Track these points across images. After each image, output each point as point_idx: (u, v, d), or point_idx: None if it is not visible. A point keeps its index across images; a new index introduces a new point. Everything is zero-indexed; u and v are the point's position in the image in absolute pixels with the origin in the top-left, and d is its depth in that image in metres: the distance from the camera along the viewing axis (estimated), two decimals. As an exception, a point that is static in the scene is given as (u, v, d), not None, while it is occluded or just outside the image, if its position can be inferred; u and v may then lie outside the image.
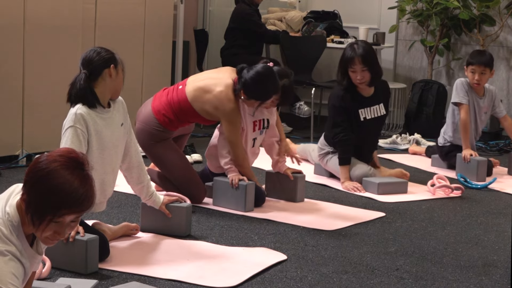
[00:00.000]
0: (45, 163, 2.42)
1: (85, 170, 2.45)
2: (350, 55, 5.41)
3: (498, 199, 5.44)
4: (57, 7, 5.89)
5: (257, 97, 4.76)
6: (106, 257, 3.79)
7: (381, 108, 5.59)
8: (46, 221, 2.42)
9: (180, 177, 4.88)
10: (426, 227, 4.68)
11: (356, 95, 5.51)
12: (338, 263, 3.94)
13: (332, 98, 5.55)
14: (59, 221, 2.43)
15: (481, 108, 6.20)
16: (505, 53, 8.18)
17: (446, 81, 8.33)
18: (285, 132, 7.54)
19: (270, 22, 8.63)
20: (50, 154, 2.46)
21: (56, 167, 2.41)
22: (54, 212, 2.41)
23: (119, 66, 3.87)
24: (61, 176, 2.40)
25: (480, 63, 6.05)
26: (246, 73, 4.74)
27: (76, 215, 2.45)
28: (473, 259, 4.10)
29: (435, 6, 7.88)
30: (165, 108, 4.84)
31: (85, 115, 3.76)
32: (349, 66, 5.41)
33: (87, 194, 2.43)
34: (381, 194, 5.33)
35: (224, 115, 4.80)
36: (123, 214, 4.65)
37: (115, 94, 3.91)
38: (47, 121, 5.74)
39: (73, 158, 2.45)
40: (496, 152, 7.12)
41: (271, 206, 4.96)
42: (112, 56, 3.86)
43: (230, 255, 4.00)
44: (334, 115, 5.54)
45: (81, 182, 2.42)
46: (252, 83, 4.71)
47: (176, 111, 4.83)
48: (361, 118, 5.51)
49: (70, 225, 2.47)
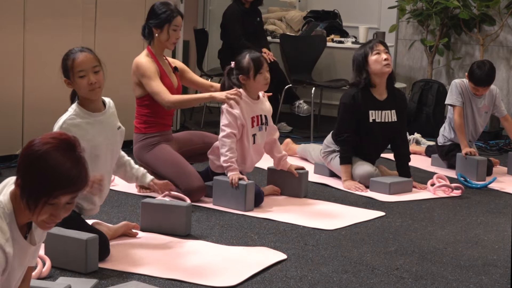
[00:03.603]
0: (37, 146, 2.45)
1: (77, 151, 2.49)
2: (371, 42, 5.56)
3: (498, 199, 5.44)
4: (57, 6, 5.89)
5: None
6: (106, 257, 3.79)
7: (393, 115, 5.57)
8: (41, 203, 2.44)
9: (172, 172, 4.94)
10: (426, 226, 4.68)
11: (370, 96, 5.50)
12: (338, 263, 3.94)
13: (343, 97, 5.55)
14: (54, 202, 2.45)
15: (479, 108, 6.20)
16: (505, 53, 8.18)
17: (446, 80, 8.33)
18: (285, 132, 7.61)
19: (270, 21, 8.64)
20: (42, 137, 2.49)
21: (48, 149, 2.44)
22: (49, 194, 2.43)
23: (70, 75, 3.77)
24: (53, 158, 2.43)
25: (482, 85, 6.05)
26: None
27: (70, 195, 2.47)
28: (473, 258, 4.10)
29: (435, 5, 7.89)
30: (137, 121, 5.14)
31: (71, 127, 3.70)
32: (372, 50, 5.47)
33: (80, 174, 2.46)
34: (392, 194, 5.33)
35: (141, 74, 4.98)
36: (123, 213, 4.65)
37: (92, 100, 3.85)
38: (47, 119, 5.71)
39: (64, 140, 2.49)
40: (496, 151, 7.13)
41: (271, 205, 4.96)
42: (63, 69, 3.80)
43: (230, 254, 4.00)
44: (342, 114, 5.53)
45: (74, 163, 2.45)
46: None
47: (142, 112, 5.09)
48: (370, 119, 5.50)
49: (65, 207, 2.50)
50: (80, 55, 3.77)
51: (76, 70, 3.75)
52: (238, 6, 7.64)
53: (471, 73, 6.07)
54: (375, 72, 5.48)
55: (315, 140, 7.08)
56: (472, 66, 6.12)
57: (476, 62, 6.24)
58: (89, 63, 3.77)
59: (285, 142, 6.51)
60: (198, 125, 7.81)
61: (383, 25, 8.47)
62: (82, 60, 3.77)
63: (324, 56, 8.24)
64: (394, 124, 5.57)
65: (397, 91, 5.75)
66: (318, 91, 8.06)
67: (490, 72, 6.05)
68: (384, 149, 5.73)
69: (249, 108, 4.95)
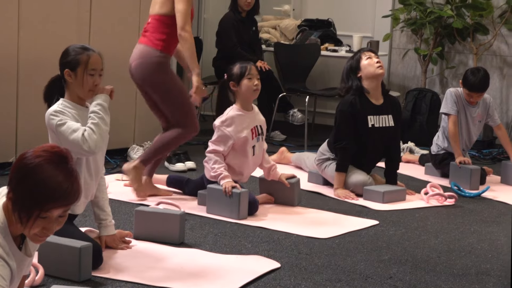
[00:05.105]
0: (29, 159, 2.44)
1: (69, 164, 2.47)
2: (358, 52, 5.66)
3: (491, 208, 5.45)
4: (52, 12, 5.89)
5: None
6: (99, 265, 3.78)
7: (390, 120, 5.60)
8: (33, 217, 2.43)
9: (184, 104, 5.06)
10: (420, 235, 4.68)
11: (367, 101, 5.53)
12: (331, 271, 3.94)
13: (341, 104, 5.57)
14: (46, 216, 2.44)
15: (473, 117, 6.21)
16: (498, 62, 8.20)
17: (439, 89, 8.35)
18: (278, 140, 7.61)
19: (265, 30, 8.64)
20: (34, 150, 2.48)
21: (41, 162, 2.43)
22: (41, 207, 2.42)
23: (78, 69, 3.81)
24: (46, 171, 2.42)
25: (476, 91, 6.07)
26: None
27: (63, 208, 2.46)
28: (466, 267, 4.11)
29: (429, 15, 7.91)
30: (154, 36, 5.05)
31: (66, 109, 3.78)
32: (363, 56, 5.55)
33: (72, 187, 2.45)
34: (386, 203, 5.33)
35: None
36: (117, 221, 4.63)
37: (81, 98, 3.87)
38: (41, 128, 5.71)
39: (57, 152, 2.48)
40: (489, 160, 7.14)
41: (265, 214, 4.96)
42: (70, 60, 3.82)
43: (224, 263, 3.99)
44: (340, 121, 5.54)
45: (66, 176, 2.44)
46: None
47: (163, 30, 5.04)
48: (369, 124, 5.51)
49: (58, 220, 2.49)
50: (95, 54, 3.84)
51: (90, 67, 3.81)
52: (235, 14, 7.66)
53: (465, 79, 6.09)
54: (368, 75, 5.51)
55: (309, 148, 7.08)
56: (466, 72, 6.15)
57: (470, 68, 6.27)
58: (100, 64, 3.86)
59: (280, 151, 6.52)
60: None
61: (377, 34, 8.49)
62: (97, 59, 3.84)
63: (318, 65, 8.25)
64: (391, 129, 5.59)
65: (392, 96, 5.80)
66: (312, 99, 8.06)
67: (484, 78, 6.08)
68: (381, 158, 5.74)
69: (246, 120, 4.98)
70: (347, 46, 8.21)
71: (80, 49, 3.84)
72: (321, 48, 8.15)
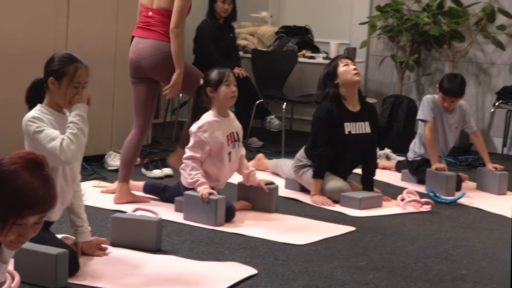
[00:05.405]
0: (4, 166, 2.43)
1: (45, 170, 2.46)
2: (335, 59, 5.69)
3: (467, 214, 5.48)
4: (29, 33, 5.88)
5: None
6: (76, 272, 3.76)
7: (367, 126, 5.62)
8: (9, 224, 2.42)
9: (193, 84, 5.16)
10: (396, 241, 4.70)
11: (344, 108, 5.55)
12: (308, 278, 3.94)
13: (317, 111, 5.58)
14: (22, 223, 2.43)
15: (450, 123, 6.25)
16: (474, 69, 8.26)
17: (416, 96, 8.39)
18: (256, 147, 7.62)
19: (242, 36, 8.65)
20: (10, 156, 2.46)
21: (16, 169, 2.41)
22: (17, 214, 2.41)
23: (64, 79, 3.79)
24: (21, 178, 2.41)
25: (451, 95, 6.11)
26: None
27: (39, 216, 2.45)
28: (442, 273, 4.13)
29: (405, 22, 7.96)
30: (163, 29, 5.16)
31: (42, 115, 3.77)
32: (340, 63, 5.58)
33: (48, 194, 2.44)
34: (363, 209, 5.35)
35: None
36: (93, 228, 4.61)
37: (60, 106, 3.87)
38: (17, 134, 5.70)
39: (32, 159, 2.46)
40: (465, 167, 7.18)
41: (242, 220, 4.96)
42: (56, 69, 3.81)
43: (201, 269, 3.99)
44: (317, 128, 5.56)
45: (42, 183, 2.43)
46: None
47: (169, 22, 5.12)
48: (346, 131, 5.53)
49: (34, 227, 2.48)
50: (83, 67, 3.82)
51: (76, 80, 3.79)
52: (212, 21, 7.66)
53: (442, 84, 6.13)
54: (345, 82, 5.54)
55: (286, 155, 7.09)
56: (443, 78, 6.22)
57: (447, 74, 6.32)
58: (85, 78, 3.85)
59: (257, 157, 6.53)
60: (170, 139, 7.80)
61: (354, 41, 8.52)
62: (84, 73, 3.83)
63: (295, 72, 8.27)
64: (368, 135, 5.61)
65: (369, 103, 5.82)
66: (289, 106, 8.08)
67: (460, 83, 6.13)
68: (357, 165, 5.75)
69: (222, 126, 4.98)
70: (324, 53, 8.24)
71: (68, 59, 3.82)
72: (299, 54, 8.17)
